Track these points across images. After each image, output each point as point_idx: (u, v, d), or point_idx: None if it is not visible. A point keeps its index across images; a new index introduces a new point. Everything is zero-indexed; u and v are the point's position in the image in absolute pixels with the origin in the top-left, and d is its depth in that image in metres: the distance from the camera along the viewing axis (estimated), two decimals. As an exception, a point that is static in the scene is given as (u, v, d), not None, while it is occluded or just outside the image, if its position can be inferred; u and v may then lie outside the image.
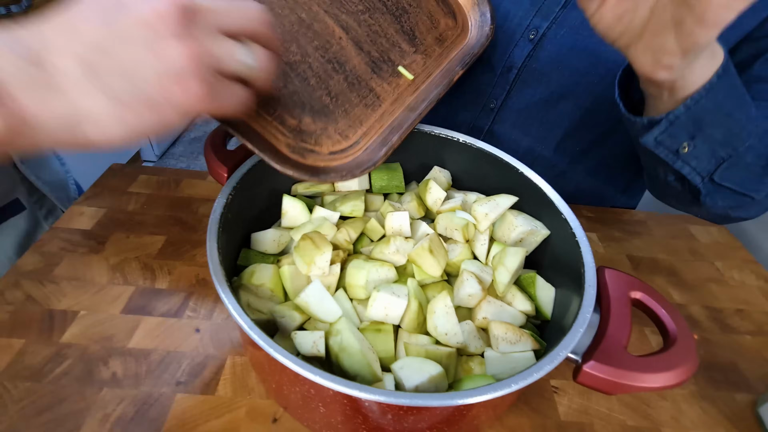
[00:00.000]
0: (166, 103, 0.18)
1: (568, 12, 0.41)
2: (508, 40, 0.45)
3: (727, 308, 0.42)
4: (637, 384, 0.22)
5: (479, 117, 0.51)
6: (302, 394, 0.24)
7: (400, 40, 0.38)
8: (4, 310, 0.34)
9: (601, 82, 0.42)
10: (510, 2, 0.44)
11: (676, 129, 0.31)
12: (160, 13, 0.17)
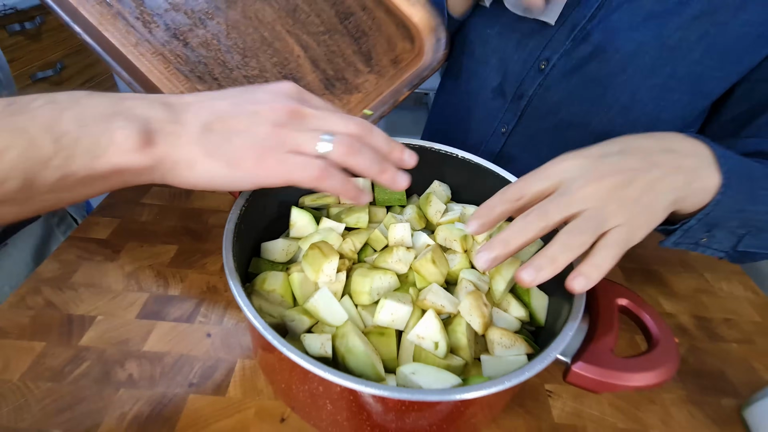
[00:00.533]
0: (245, 167, 0.23)
1: (576, 45, 0.43)
2: (519, 69, 0.47)
3: (716, 318, 0.44)
4: (621, 383, 0.24)
5: (490, 140, 0.52)
6: (310, 392, 0.26)
7: (356, 60, 0.41)
8: (26, 314, 0.36)
9: (610, 111, 0.44)
10: (521, 33, 0.46)
11: (692, 233, 0.31)
12: (274, 107, 0.24)
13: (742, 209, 0.29)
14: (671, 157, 0.27)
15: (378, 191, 0.40)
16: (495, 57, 0.48)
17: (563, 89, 0.45)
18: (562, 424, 0.33)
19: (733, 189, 0.28)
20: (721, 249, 0.32)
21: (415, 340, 0.28)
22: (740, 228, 0.31)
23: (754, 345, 0.42)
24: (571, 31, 0.42)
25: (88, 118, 0.21)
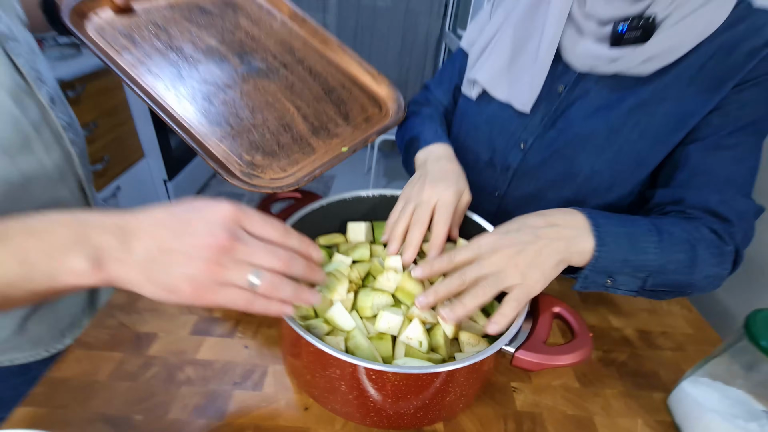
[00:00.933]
0: (183, 295, 0.29)
1: (546, 130, 0.55)
2: (504, 147, 0.59)
3: (655, 331, 0.54)
4: (549, 363, 0.34)
5: (488, 203, 0.63)
6: (328, 378, 0.36)
7: (337, 117, 0.55)
8: (105, 332, 0.46)
9: (577, 179, 0.54)
10: (505, 119, 0.58)
11: (592, 278, 0.40)
12: (209, 244, 0.28)
13: (626, 259, 0.40)
14: (554, 230, 0.39)
15: (377, 232, 0.51)
16: (485, 138, 0.60)
17: (539, 163, 0.56)
18: (524, 411, 0.42)
19: (609, 246, 0.39)
20: (629, 289, 0.42)
21: (405, 340, 0.39)
22: (638, 272, 0.40)
23: (684, 352, 0.51)
24: (541, 120, 0.55)
25: (52, 248, 0.28)
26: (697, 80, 0.45)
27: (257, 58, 0.56)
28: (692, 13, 0.43)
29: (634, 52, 0.45)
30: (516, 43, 0.55)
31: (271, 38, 0.60)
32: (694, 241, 0.42)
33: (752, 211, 0.46)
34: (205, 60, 0.53)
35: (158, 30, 0.53)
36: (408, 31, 2.61)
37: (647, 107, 0.48)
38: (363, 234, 0.51)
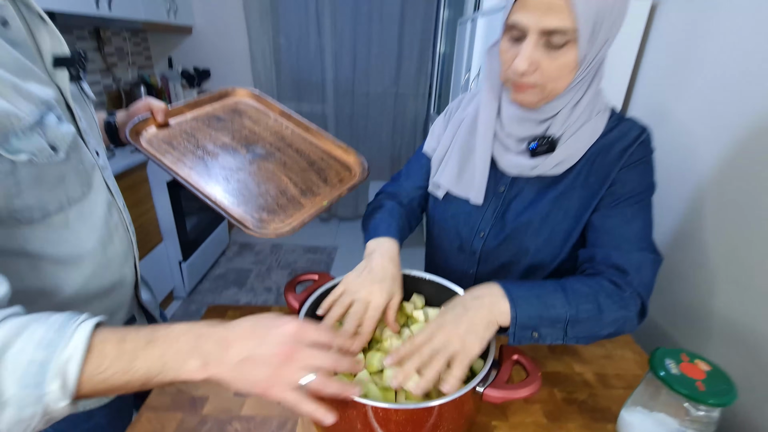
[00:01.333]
0: (256, 391, 0.40)
1: (497, 221, 0.70)
2: (468, 236, 0.74)
3: (610, 373, 0.66)
4: (510, 396, 0.46)
5: (465, 280, 0.75)
6: (348, 419, 0.47)
7: (318, 181, 0.72)
8: (168, 397, 0.58)
9: (528, 254, 0.69)
10: (466, 214, 0.72)
11: (519, 333, 0.52)
12: (278, 353, 0.40)
13: (540, 315, 0.52)
14: (477, 301, 0.53)
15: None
16: (453, 229, 0.76)
17: (497, 246, 0.71)
18: (502, 444, 0.53)
19: (523, 307, 0.52)
20: (555, 339, 0.53)
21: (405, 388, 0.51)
22: (556, 324, 0.53)
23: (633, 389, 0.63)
24: (493, 213, 0.71)
25: (179, 353, 0.38)
26: (592, 172, 0.63)
27: (258, 147, 0.76)
28: (578, 130, 0.61)
29: (546, 160, 0.62)
30: (463, 156, 0.71)
31: (267, 131, 0.80)
32: (595, 292, 0.55)
33: (648, 262, 0.58)
34: (222, 152, 0.72)
35: (188, 136, 0.73)
36: (398, 114, 2.93)
37: (565, 196, 0.65)
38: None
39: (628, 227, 0.60)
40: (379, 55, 2.75)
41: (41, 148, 0.44)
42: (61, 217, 0.50)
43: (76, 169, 0.51)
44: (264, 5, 2.56)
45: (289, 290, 0.64)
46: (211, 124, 0.77)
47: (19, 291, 0.44)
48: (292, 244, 2.82)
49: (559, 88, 0.56)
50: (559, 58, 0.53)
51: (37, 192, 0.46)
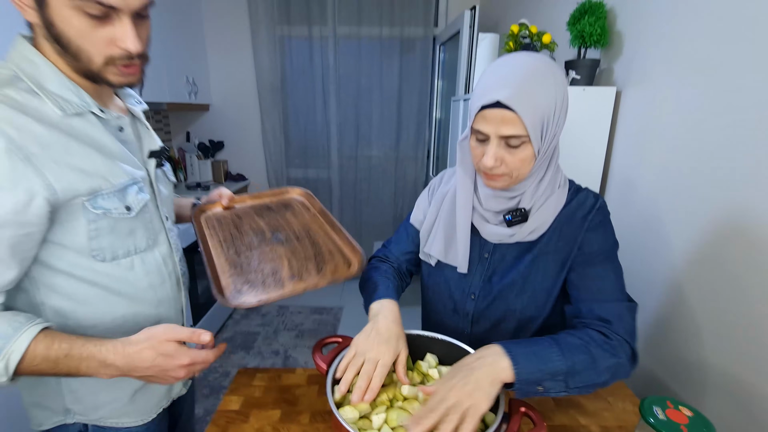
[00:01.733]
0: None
1: (485, 284, 0.79)
2: (460, 298, 0.81)
3: (612, 426, 0.71)
4: (519, 446, 0.53)
5: (462, 339, 0.79)
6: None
7: (312, 270, 0.75)
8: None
9: (516, 310, 0.77)
10: (457, 279, 0.80)
11: (525, 388, 0.58)
12: (174, 369, 0.58)
13: (540, 369, 0.58)
14: (480, 361, 0.59)
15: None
16: (446, 292, 0.83)
17: (487, 307, 0.79)
18: (517, 494, 0.58)
19: (522, 363, 0.58)
20: (558, 391, 0.59)
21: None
22: (556, 377, 0.59)
23: (635, 440, 0.68)
24: (480, 277, 0.80)
25: (90, 369, 0.55)
26: (561, 237, 0.73)
27: (282, 233, 0.85)
28: (545, 201, 0.72)
29: (522, 229, 0.73)
30: (448, 230, 0.79)
31: (299, 223, 0.89)
32: (586, 343, 0.62)
33: (626, 310, 0.67)
34: (252, 234, 0.83)
35: (236, 218, 0.86)
36: (399, 177, 3.11)
37: (541, 259, 0.74)
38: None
39: (603, 282, 0.70)
40: (380, 124, 2.99)
41: (117, 207, 0.63)
42: (128, 261, 0.67)
43: (145, 226, 0.68)
44: (275, 85, 2.84)
45: (317, 352, 0.71)
46: (260, 212, 0.90)
47: (86, 309, 0.64)
48: (299, 306, 2.86)
49: (523, 174, 0.68)
50: (519, 154, 0.64)
51: (110, 238, 0.63)
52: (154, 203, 0.71)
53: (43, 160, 0.54)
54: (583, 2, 1.19)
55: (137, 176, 0.66)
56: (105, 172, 0.61)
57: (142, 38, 0.60)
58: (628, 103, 1.15)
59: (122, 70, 0.59)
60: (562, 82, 0.64)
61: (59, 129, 0.57)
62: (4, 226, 0.53)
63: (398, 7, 2.70)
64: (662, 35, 1.02)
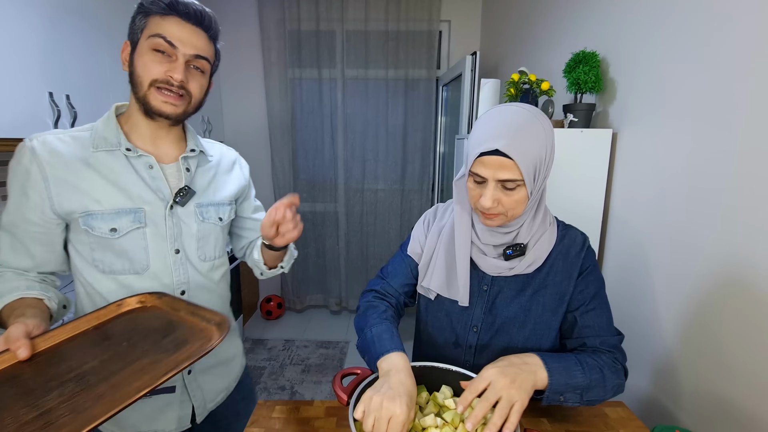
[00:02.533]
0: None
1: (486, 317, 0.83)
2: (462, 331, 0.85)
3: (618, 449, 0.73)
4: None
5: (465, 367, 0.84)
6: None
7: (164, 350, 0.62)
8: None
9: (517, 345, 0.81)
10: (459, 312, 0.83)
11: (551, 397, 0.68)
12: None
13: (567, 383, 0.67)
14: (526, 366, 0.66)
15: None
16: (448, 326, 0.86)
17: (489, 339, 0.83)
18: None
19: (555, 376, 0.67)
20: (574, 402, 0.69)
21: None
22: (576, 390, 0.68)
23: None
24: (481, 310, 0.84)
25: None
26: (558, 272, 0.79)
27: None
28: (540, 237, 0.78)
29: (520, 262, 0.78)
30: (448, 264, 0.83)
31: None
32: (601, 365, 0.72)
33: (620, 342, 0.78)
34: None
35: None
36: (405, 210, 3.18)
37: (540, 293, 0.80)
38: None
39: (600, 320, 0.79)
40: (386, 159, 3.09)
41: (102, 228, 0.74)
42: (125, 278, 0.77)
43: (137, 251, 0.77)
44: (285, 123, 2.97)
45: (336, 383, 0.74)
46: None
47: (92, 308, 0.77)
48: (304, 340, 2.85)
49: (517, 213, 0.73)
50: (514, 195, 0.71)
51: (107, 254, 0.76)
52: (157, 233, 0.79)
53: (55, 180, 0.71)
54: (577, 52, 1.29)
55: (140, 206, 0.76)
56: (101, 196, 0.73)
57: (194, 82, 0.75)
58: (624, 144, 1.22)
59: (162, 95, 0.73)
60: (549, 130, 0.72)
61: (83, 160, 0.74)
62: (25, 223, 0.72)
63: (403, 52, 2.87)
64: (652, 81, 1.11)
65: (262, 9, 2.81)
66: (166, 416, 0.85)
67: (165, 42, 0.70)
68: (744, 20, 0.83)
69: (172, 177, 0.82)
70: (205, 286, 0.88)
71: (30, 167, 0.71)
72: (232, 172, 0.94)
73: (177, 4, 0.71)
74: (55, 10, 1.47)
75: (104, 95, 1.71)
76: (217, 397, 0.94)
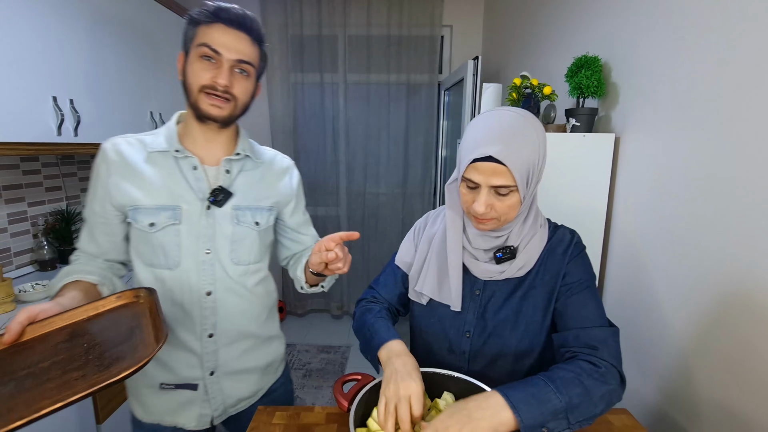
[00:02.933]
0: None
1: (479, 322, 0.82)
2: (455, 337, 0.82)
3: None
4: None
5: (459, 372, 0.83)
6: None
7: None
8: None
9: (510, 349, 0.80)
10: (451, 317, 0.82)
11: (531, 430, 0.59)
12: None
13: (542, 412, 0.59)
14: (480, 412, 0.59)
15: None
16: (441, 332, 0.84)
17: (483, 344, 0.82)
18: None
19: (524, 409, 0.59)
20: (562, 429, 0.60)
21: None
22: (558, 415, 0.60)
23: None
24: (474, 315, 0.83)
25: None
26: (546, 271, 0.78)
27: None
28: (531, 240, 0.77)
29: (511, 265, 0.77)
30: (440, 268, 0.82)
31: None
32: (578, 375, 0.64)
33: (610, 335, 0.71)
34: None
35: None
36: (406, 214, 3.18)
37: (530, 293, 0.79)
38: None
39: (586, 309, 0.74)
40: (387, 163, 3.09)
41: (142, 222, 0.81)
42: (159, 272, 0.84)
43: (170, 247, 0.82)
44: (287, 127, 2.98)
45: (338, 389, 0.74)
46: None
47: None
48: (306, 344, 2.85)
49: (510, 218, 0.73)
50: (507, 201, 0.70)
51: (145, 246, 0.83)
52: (192, 232, 0.83)
53: (117, 178, 0.81)
54: (579, 57, 1.29)
55: (177, 204, 0.82)
56: (147, 193, 0.81)
57: (239, 86, 0.80)
58: (627, 148, 1.22)
59: (210, 99, 0.78)
60: (542, 134, 0.71)
61: (141, 160, 0.82)
62: (93, 214, 0.83)
63: (404, 56, 2.88)
64: (654, 86, 1.10)
65: (265, 14, 2.83)
66: (187, 413, 0.89)
67: (210, 50, 0.75)
68: (747, 26, 0.83)
69: (214, 178, 0.86)
70: (234, 290, 0.89)
71: (101, 165, 0.82)
72: (281, 180, 0.95)
73: (220, 11, 0.76)
74: (60, 16, 1.49)
75: (107, 99, 1.72)
76: (238, 403, 0.95)
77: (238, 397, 0.94)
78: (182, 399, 0.89)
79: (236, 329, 0.90)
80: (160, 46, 2.09)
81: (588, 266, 0.79)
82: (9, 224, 1.68)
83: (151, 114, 2.00)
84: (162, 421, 0.90)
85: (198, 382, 0.88)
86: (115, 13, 1.75)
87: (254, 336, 0.94)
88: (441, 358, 0.87)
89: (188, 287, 0.84)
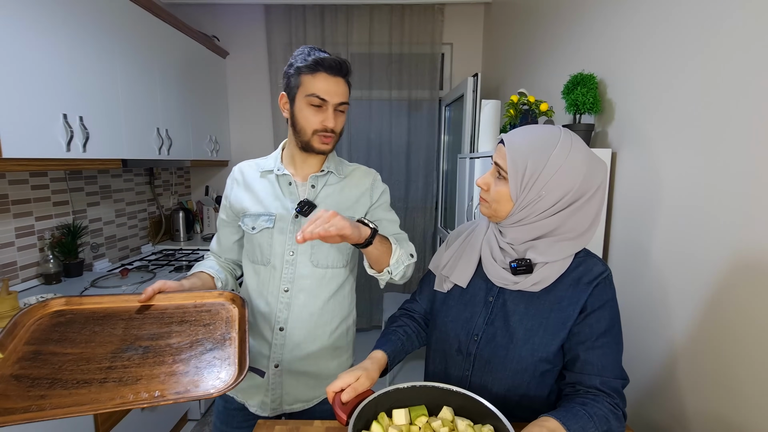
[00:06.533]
0: None
1: (488, 328, 0.83)
2: (465, 338, 0.85)
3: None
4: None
5: (463, 377, 0.86)
6: None
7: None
8: None
9: (512, 362, 0.80)
10: (463, 320, 0.85)
11: None
12: None
13: None
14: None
15: (414, 415, 0.75)
16: (453, 333, 0.86)
17: (490, 344, 0.82)
18: None
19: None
20: None
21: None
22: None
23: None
24: (484, 320, 0.84)
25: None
26: (566, 297, 0.78)
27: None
28: (553, 262, 0.77)
29: (526, 279, 0.78)
30: (461, 249, 0.89)
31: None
32: (606, 415, 0.71)
33: (621, 385, 0.74)
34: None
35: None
36: (408, 228, 3.19)
37: (545, 315, 0.79)
38: (403, 418, 0.74)
39: (606, 360, 0.75)
40: (389, 177, 3.12)
41: (247, 225, 1.02)
42: (257, 267, 1.03)
43: (264, 247, 1.00)
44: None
45: (336, 402, 0.74)
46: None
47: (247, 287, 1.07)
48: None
49: (500, 210, 0.78)
50: (498, 186, 0.76)
51: (249, 245, 1.04)
52: (282, 235, 0.99)
53: (236, 191, 1.05)
54: (575, 74, 1.32)
55: (273, 212, 1.00)
56: (254, 203, 1.02)
57: (339, 122, 0.97)
58: (623, 164, 1.24)
59: (322, 139, 0.95)
60: (565, 155, 0.71)
61: (254, 178, 1.05)
62: (221, 220, 1.10)
63: (406, 73, 2.94)
64: (649, 102, 1.13)
65: (270, 33, 2.90)
66: (253, 396, 1.04)
67: (318, 99, 0.91)
68: (742, 40, 0.85)
69: (304, 192, 1.02)
70: (309, 290, 1.01)
71: (230, 182, 1.08)
72: (360, 193, 1.05)
73: (322, 61, 0.91)
74: (71, 36, 1.54)
75: (116, 117, 1.77)
76: (295, 403, 1.04)
77: (296, 397, 1.04)
78: (252, 383, 1.03)
79: (305, 329, 1.02)
80: (168, 64, 2.14)
81: (616, 313, 0.78)
82: (16, 238, 1.70)
83: (158, 130, 2.04)
84: (236, 396, 1.06)
85: (266, 370, 1.02)
86: (125, 33, 1.81)
87: (321, 342, 1.04)
88: (449, 360, 0.89)
89: (273, 282, 1.00)
